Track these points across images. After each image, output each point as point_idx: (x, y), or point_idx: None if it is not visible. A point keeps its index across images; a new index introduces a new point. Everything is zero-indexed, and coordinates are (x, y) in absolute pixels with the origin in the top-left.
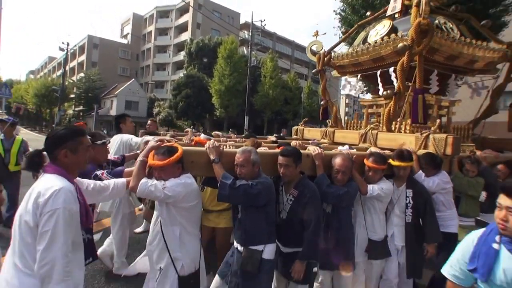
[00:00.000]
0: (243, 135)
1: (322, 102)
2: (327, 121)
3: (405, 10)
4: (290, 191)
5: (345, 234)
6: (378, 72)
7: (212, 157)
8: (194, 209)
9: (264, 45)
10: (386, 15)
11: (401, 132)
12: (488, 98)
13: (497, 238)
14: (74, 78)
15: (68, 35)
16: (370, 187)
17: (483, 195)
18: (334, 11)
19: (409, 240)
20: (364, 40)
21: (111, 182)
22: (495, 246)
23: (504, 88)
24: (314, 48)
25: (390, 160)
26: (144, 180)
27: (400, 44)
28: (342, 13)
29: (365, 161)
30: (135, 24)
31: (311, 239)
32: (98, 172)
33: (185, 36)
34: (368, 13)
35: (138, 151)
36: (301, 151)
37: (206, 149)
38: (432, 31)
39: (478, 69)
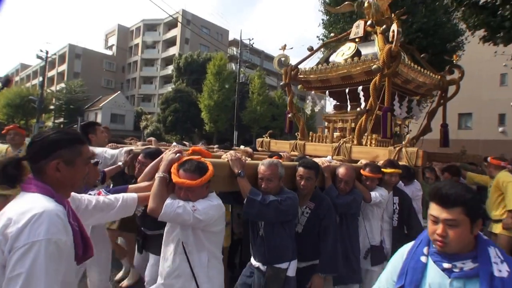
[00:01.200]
0: (218, 146)
1: (289, 115)
2: (296, 134)
3: (365, 35)
4: (306, 203)
5: (354, 243)
6: (347, 90)
7: (236, 170)
8: (222, 232)
9: (252, 62)
10: (349, 38)
11: (367, 145)
12: (426, 119)
13: (425, 250)
14: (52, 88)
15: (47, 43)
16: (373, 194)
17: None
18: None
19: (396, 243)
20: (327, 59)
21: (118, 197)
22: (423, 259)
23: (436, 111)
24: (281, 61)
25: (383, 168)
26: (169, 201)
27: (374, 66)
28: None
29: (362, 171)
30: (121, 35)
31: (331, 250)
32: (93, 192)
33: (173, 50)
34: (332, 34)
35: (120, 164)
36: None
37: (228, 161)
38: (400, 57)
39: (421, 93)
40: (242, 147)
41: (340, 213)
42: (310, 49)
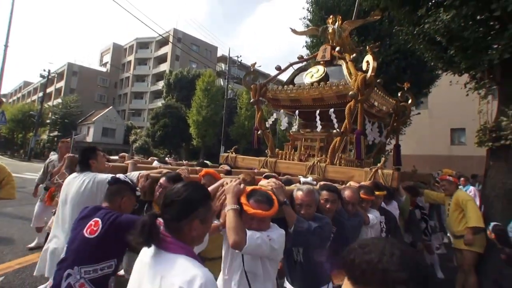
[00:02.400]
0: (196, 163)
1: (259, 132)
2: (266, 151)
3: (331, 59)
4: None
5: None
6: (318, 111)
7: (282, 199)
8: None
9: (240, 77)
10: (316, 60)
11: (335, 165)
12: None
13: None
14: (50, 103)
15: (49, 63)
16: (370, 216)
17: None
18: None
19: None
20: (292, 80)
21: None
22: None
23: (391, 132)
24: (249, 79)
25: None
26: (250, 232)
27: (351, 93)
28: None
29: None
30: (115, 53)
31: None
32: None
33: (164, 66)
34: (298, 55)
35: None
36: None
37: (272, 189)
38: (373, 85)
39: (380, 117)
40: (224, 166)
41: (347, 236)
42: (278, 68)
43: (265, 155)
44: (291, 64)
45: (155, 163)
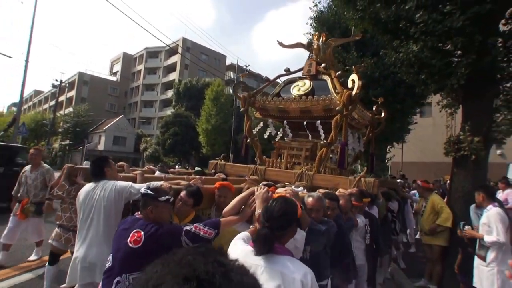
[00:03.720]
0: (194, 171)
1: (248, 141)
2: (255, 159)
3: (316, 73)
4: None
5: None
6: (305, 122)
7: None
8: None
9: (249, 85)
10: (302, 75)
11: (320, 173)
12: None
13: None
14: (61, 112)
15: (61, 73)
16: (359, 220)
17: None
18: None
19: (370, 258)
20: (279, 92)
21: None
22: None
23: (367, 142)
24: (239, 88)
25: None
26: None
27: (338, 108)
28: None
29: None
30: (125, 62)
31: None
32: (189, 227)
33: (173, 75)
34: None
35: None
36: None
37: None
38: (357, 101)
39: (358, 127)
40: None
41: (344, 237)
42: (266, 79)
43: (246, 162)
44: (278, 76)
45: (157, 173)
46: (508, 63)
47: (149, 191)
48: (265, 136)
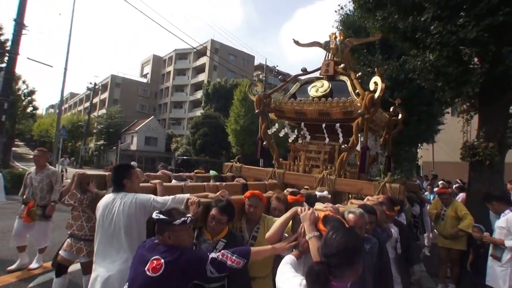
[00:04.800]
0: (212, 176)
1: (264, 143)
2: (273, 162)
3: (334, 74)
4: None
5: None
6: (324, 125)
7: None
8: None
9: (276, 85)
10: (319, 75)
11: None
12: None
13: None
14: (95, 113)
15: (95, 76)
16: (392, 230)
17: None
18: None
19: (402, 268)
20: (294, 93)
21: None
22: None
23: (384, 143)
24: (254, 89)
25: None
26: None
27: (360, 111)
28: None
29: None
30: (155, 64)
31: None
32: (215, 255)
33: (202, 76)
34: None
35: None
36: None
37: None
38: (379, 104)
39: (376, 129)
40: (212, 172)
41: (382, 249)
42: (283, 79)
43: (257, 163)
44: (294, 76)
45: (174, 182)
46: None
47: (161, 216)
48: (281, 135)
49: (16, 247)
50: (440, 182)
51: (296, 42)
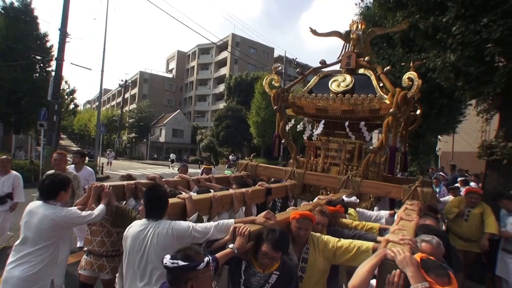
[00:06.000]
0: (235, 181)
1: (282, 141)
2: (289, 161)
3: (355, 67)
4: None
5: None
6: (347, 123)
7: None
8: None
9: (297, 76)
10: (340, 67)
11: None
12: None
13: None
14: (126, 108)
15: (125, 74)
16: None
17: None
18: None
19: None
20: (315, 87)
21: None
22: None
23: (401, 140)
24: (272, 83)
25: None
26: None
27: (391, 110)
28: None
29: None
30: (179, 59)
31: None
32: None
33: (224, 70)
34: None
35: (233, 249)
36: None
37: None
38: (412, 102)
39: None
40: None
41: None
42: (300, 73)
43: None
44: (313, 69)
45: (193, 194)
46: None
47: (180, 263)
48: (305, 137)
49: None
50: (460, 179)
51: (313, 32)
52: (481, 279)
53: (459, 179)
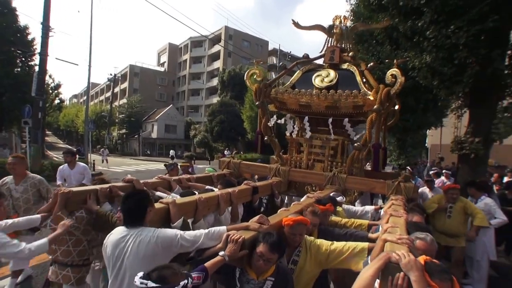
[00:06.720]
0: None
1: (265, 138)
2: (271, 156)
3: (339, 62)
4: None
5: None
6: (330, 119)
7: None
8: None
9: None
10: (323, 62)
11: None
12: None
13: None
14: (116, 103)
15: (114, 67)
16: None
17: None
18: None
19: None
20: (298, 82)
21: None
22: None
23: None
24: (254, 77)
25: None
26: None
27: (375, 107)
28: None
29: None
30: (171, 53)
31: None
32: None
33: (217, 64)
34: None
35: (224, 257)
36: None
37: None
38: (394, 99)
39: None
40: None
41: None
42: (284, 67)
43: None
44: (296, 64)
45: (175, 195)
46: None
47: (149, 284)
48: (288, 133)
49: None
50: (432, 172)
51: (296, 24)
52: None
53: (431, 172)
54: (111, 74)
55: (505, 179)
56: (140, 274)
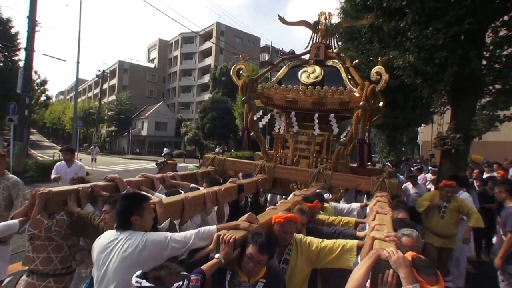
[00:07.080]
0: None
1: (251, 134)
2: (256, 153)
3: (324, 58)
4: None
5: None
6: (316, 115)
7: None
8: None
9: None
10: (309, 58)
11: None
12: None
13: None
14: (105, 100)
15: (103, 63)
16: None
17: None
18: None
19: None
20: (280, 79)
21: None
22: None
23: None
24: (239, 72)
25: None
26: None
27: (361, 103)
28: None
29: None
30: (161, 49)
31: None
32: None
33: (209, 60)
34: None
35: (219, 259)
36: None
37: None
38: (379, 96)
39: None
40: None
41: None
42: (270, 62)
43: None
44: (282, 59)
45: (160, 195)
46: (491, 72)
47: (144, 283)
48: (276, 129)
49: None
50: (414, 168)
51: (282, 20)
52: None
53: (413, 168)
54: (99, 70)
55: (485, 175)
56: (138, 272)
